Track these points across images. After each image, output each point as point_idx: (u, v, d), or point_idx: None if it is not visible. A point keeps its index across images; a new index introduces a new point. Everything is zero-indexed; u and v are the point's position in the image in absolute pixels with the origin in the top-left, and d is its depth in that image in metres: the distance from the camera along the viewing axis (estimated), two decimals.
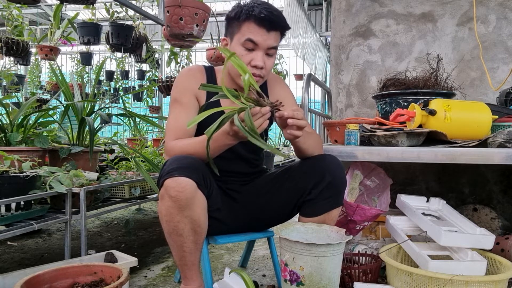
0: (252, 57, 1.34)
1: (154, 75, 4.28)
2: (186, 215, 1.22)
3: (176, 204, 1.19)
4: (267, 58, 1.36)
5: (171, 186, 1.18)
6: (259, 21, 1.30)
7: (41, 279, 1.25)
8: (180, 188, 1.17)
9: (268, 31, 1.32)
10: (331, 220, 1.38)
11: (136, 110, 6.86)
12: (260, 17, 1.29)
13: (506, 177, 2.16)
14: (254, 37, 1.31)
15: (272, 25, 1.32)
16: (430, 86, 1.81)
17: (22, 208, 1.64)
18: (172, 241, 1.28)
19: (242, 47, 1.34)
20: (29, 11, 5.57)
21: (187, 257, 1.29)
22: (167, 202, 1.20)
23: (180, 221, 1.22)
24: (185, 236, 1.25)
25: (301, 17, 5.52)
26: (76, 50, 5.68)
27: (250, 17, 1.31)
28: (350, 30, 2.44)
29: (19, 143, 2.00)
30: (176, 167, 1.20)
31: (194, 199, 1.21)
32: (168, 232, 1.26)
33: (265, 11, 1.29)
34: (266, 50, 1.35)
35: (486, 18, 2.24)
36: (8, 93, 4.41)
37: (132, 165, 2.49)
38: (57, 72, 2.39)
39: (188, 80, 1.44)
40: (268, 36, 1.32)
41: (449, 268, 1.28)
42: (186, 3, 2.21)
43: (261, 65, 1.34)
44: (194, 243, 1.27)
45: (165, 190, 1.20)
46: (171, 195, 1.18)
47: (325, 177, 1.33)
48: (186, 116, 1.36)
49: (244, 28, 1.33)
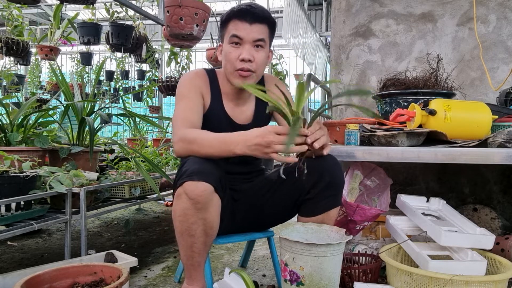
0: (240, 52, 1.39)
1: (154, 75, 4.28)
2: (201, 217, 1.22)
3: (193, 206, 1.20)
4: (255, 51, 1.40)
5: (190, 188, 1.18)
6: (240, 16, 1.37)
7: (41, 279, 1.25)
8: (199, 192, 1.18)
9: (251, 24, 1.37)
10: (330, 220, 1.38)
11: (136, 110, 6.86)
12: (240, 11, 1.37)
13: (506, 177, 2.16)
14: (237, 32, 1.37)
15: (253, 18, 1.37)
16: (430, 86, 1.81)
17: (22, 208, 1.64)
18: (183, 240, 1.28)
19: (229, 45, 1.40)
20: (29, 11, 5.57)
21: (195, 258, 1.29)
22: (184, 203, 1.21)
23: (194, 223, 1.23)
24: (196, 237, 1.25)
25: (301, 17, 5.51)
26: (76, 50, 5.68)
27: (233, 15, 1.38)
28: (350, 30, 2.44)
29: (19, 143, 2.00)
30: (196, 170, 1.19)
31: (211, 202, 1.22)
32: (180, 231, 1.26)
33: (245, 6, 1.37)
34: (253, 43, 1.39)
35: (486, 18, 2.24)
36: (8, 93, 4.40)
37: (132, 165, 2.49)
38: (57, 72, 2.39)
39: (195, 79, 1.48)
40: (251, 28, 1.37)
41: (449, 268, 1.28)
42: (186, 3, 2.21)
43: (248, 58, 1.37)
44: (204, 244, 1.28)
45: (183, 190, 1.20)
46: (190, 197, 1.18)
47: (324, 177, 1.33)
48: (193, 109, 1.39)
49: (229, 27, 1.40)
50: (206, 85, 1.49)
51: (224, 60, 1.43)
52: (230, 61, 1.40)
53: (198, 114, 1.41)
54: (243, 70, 1.39)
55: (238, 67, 1.39)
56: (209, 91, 1.49)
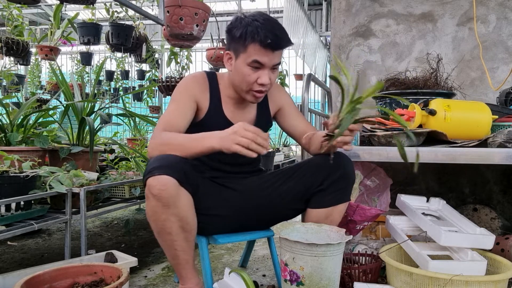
0: (259, 75, 1.36)
1: (154, 75, 4.28)
2: (172, 213, 1.22)
3: (160, 203, 1.20)
4: (272, 73, 1.39)
5: (152, 184, 1.19)
6: (265, 45, 1.31)
7: (41, 279, 1.25)
8: (162, 186, 1.18)
9: (274, 51, 1.34)
10: (338, 215, 1.41)
11: (136, 110, 6.86)
12: (266, 42, 1.30)
13: (506, 177, 2.16)
14: (260, 59, 1.33)
15: (278, 46, 1.34)
16: (430, 86, 1.81)
17: (22, 208, 1.64)
18: (162, 240, 1.28)
19: (248, 67, 1.36)
20: (29, 11, 5.57)
21: (180, 256, 1.29)
22: (151, 201, 1.21)
23: (167, 219, 1.23)
24: (174, 234, 1.25)
25: (301, 17, 5.52)
26: (76, 50, 5.69)
27: (255, 41, 1.31)
28: (350, 30, 2.44)
29: (19, 143, 2.00)
30: (157, 166, 1.20)
31: (178, 197, 1.21)
32: (157, 231, 1.27)
33: (271, 35, 1.30)
34: (271, 67, 1.38)
35: (486, 18, 2.24)
36: (8, 93, 4.40)
37: (132, 165, 2.49)
38: (57, 72, 2.39)
39: (192, 84, 1.46)
40: (273, 55, 1.35)
41: (449, 268, 1.28)
42: (186, 3, 2.21)
43: (268, 83, 1.37)
44: (185, 240, 1.28)
45: (148, 189, 1.21)
46: (153, 193, 1.19)
47: (338, 170, 1.37)
48: (179, 115, 1.37)
49: (250, 49, 1.33)
50: (205, 89, 1.47)
51: (238, 78, 1.39)
52: (247, 82, 1.37)
53: (183, 119, 1.39)
54: (261, 92, 1.39)
55: (255, 89, 1.38)
56: (208, 95, 1.47)
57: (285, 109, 1.59)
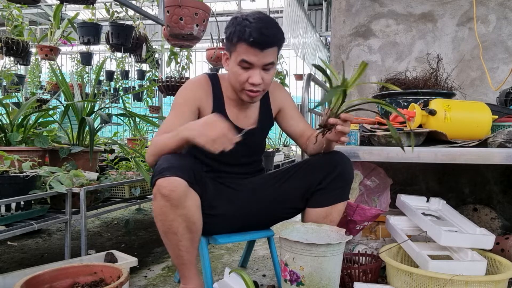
0: (249, 75, 1.35)
1: (154, 75, 4.27)
2: (180, 214, 1.23)
3: (169, 203, 1.20)
4: (264, 73, 1.37)
5: (163, 185, 1.19)
6: (250, 43, 1.30)
7: (41, 279, 1.25)
8: (172, 187, 1.19)
9: (262, 50, 1.31)
10: (337, 214, 1.42)
11: (136, 110, 6.86)
12: (251, 38, 1.28)
13: (506, 177, 2.16)
14: (248, 58, 1.32)
15: (265, 45, 1.31)
16: (430, 86, 1.81)
17: (22, 208, 1.64)
18: (168, 240, 1.29)
19: (238, 66, 1.35)
20: (29, 11, 5.57)
21: (184, 256, 1.30)
22: (160, 201, 1.22)
23: (174, 220, 1.23)
24: (180, 235, 1.26)
25: (301, 17, 5.52)
26: (76, 50, 5.68)
27: (241, 40, 1.31)
28: (350, 30, 2.44)
29: (19, 143, 2.00)
30: (167, 166, 1.21)
31: (187, 198, 1.22)
32: (163, 231, 1.27)
33: (256, 34, 1.28)
34: (263, 67, 1.35)
35: (486, 18, 2.24)
36: (8, 93, 4.40)
37: (132, 165, 2.49)
38: (57, 72, 2.39)
39: (195, 90, 1.46)
40: (262, 55, 1.32)
41: (449, 268, 1.28)
42: (186, 3, 2.21)
43: (258, 82, 1.36)
44: (190, 241, 1.28)
45: (157, 189, 1.21)
46: (163, 194, 1.20)
47: (337, 168, 1.38)
48: (179, 123, 1.36)
49: (238, 49, 1.33)
50: (208, 93, 1.47)
51: (232, 77, 1.40)
52: (239, 81, 1.37)
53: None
54: (252, 91, 1.38)
55: (247, 88, 1.37)
56: (211, 99, 1.47)
57: (286, 110, 1.59)
